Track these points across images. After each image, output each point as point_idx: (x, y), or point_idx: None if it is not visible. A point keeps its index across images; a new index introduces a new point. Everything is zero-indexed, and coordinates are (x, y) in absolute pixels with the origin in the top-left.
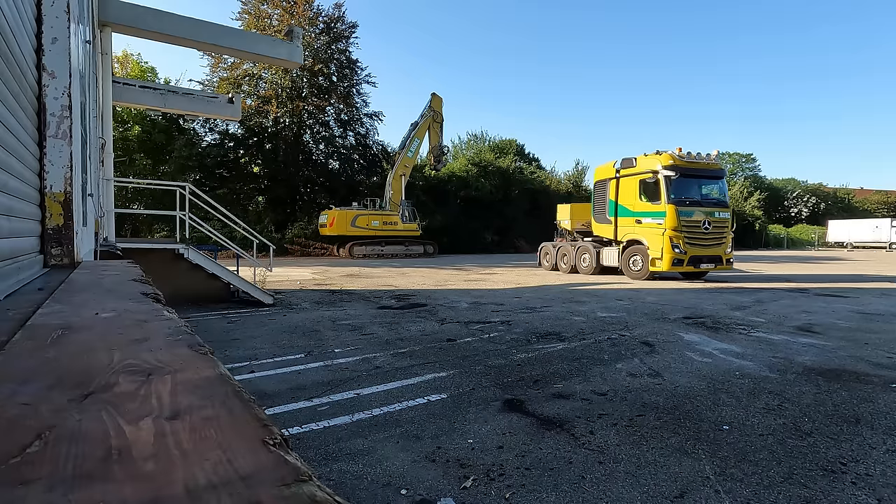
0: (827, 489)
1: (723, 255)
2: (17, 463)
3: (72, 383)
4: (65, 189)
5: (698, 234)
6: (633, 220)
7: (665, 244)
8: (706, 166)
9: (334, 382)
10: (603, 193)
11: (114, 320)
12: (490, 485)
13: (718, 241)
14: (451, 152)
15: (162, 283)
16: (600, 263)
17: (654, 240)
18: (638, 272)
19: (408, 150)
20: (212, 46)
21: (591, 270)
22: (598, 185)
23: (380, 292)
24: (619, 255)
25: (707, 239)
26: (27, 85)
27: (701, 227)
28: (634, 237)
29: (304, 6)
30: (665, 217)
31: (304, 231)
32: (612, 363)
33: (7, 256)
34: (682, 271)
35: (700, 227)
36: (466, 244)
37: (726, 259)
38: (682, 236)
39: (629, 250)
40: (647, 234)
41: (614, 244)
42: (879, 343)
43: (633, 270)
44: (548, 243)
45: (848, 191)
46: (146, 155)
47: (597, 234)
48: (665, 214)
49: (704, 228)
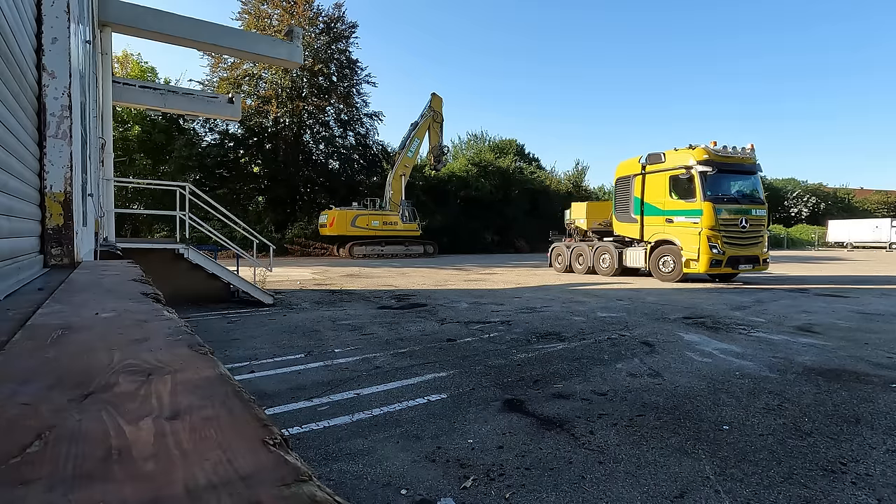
0: (827, 489)
1: (760, 255)
2: (17, 463)
3: (72, 383)
4: (65, 189)
5: (736, 233)
6: (663, 219)
7: (702, 244)
8: (742, 161)
9: (334, 382)
10: (626, 191)
11: (114, 320)
12: (490, 485)
13: (755, 240)
14: (451, 152)
15: (162, 283)
16: (623, 264)
17: (689, 240)
18: (669, 274)
19: (408, 150)
20: (212, 46)
21: (611, 272)
22: (621, 181)
23: (380, 292)
24: (647, 256)
25: (745, 238)
26: (27, 85)
27: (738, 226)
28: (665, 237)
29: (304, 6)
30: (701, 216)
31: (304, 231)
32: (612, 363)
33: (7, 256)
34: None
35: (737, 225)
36: (466, 244)
37: (763, 259)
38: (720, 236)
39: (659, 251)
40: (680, 233)
41: (639, 244)
42: (879, 343)
43: (664, 272)
44: (560, 243)
45: (848, 191)
46: (146, 155)
47: (618, 234)
48: (701, 213)
49: (742, 227)
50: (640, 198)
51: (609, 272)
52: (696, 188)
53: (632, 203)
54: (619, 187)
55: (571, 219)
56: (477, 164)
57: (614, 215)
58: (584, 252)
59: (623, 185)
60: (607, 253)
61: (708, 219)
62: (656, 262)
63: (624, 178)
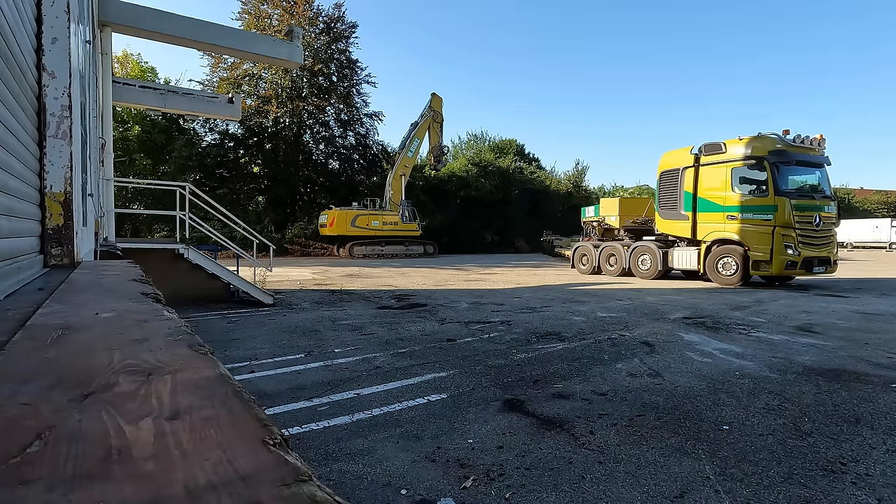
0: (827, 489)
1: (831, 256)
2: (17, 463)
3: (72, 383)
4: (65, 189)
5: (810, 231)
6: (723, 216)
7: (776, 244)
8: (814, 152)
9: (334, 382)
10: (673, 184)
11: (114, 320)
12: (490, 485)
13: (828, 239)
14: (451, 152)
15: (162, 283)
16: (668, 266)
17: (758, 239)
18: (729, 277)
19: (408, 150)
20: (212, 46)
21: (653, 274)
22: (666, 175)
23: (380, 292)
24: (701, 258)
25: (818, 237)
26: (27, 85)
27: (812, 224)
28: (725, 236)
29: (304, 6)
30: (776, 212)
31: (304, 231)
32: (612, 363)
33: (7, 256)
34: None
35: (812, 224)
36: (466, 244)
37: (833, 260)
38: (795, 235)
39: (717, 251)
40: (745, 232)
41: (690, 244)
42: (879, 343)
43: (724, 275)
44: (585, 243)
45: (848, 191)
46: (146, 155)
47: (662, 232)
48: (775, 209)
49: (816, 225)
50: (693, 192)
51: (650, 274)
52: (769, 181)
53: (681, 198)
54: (664, 181)
55: (601, 216)
56: (477, 164)
57: (657, 212)
58: (617, 252)
59: (669, 179)
60: (648, 254)
61: (783, 216)
62: (714, 263)
63: (670, 171)
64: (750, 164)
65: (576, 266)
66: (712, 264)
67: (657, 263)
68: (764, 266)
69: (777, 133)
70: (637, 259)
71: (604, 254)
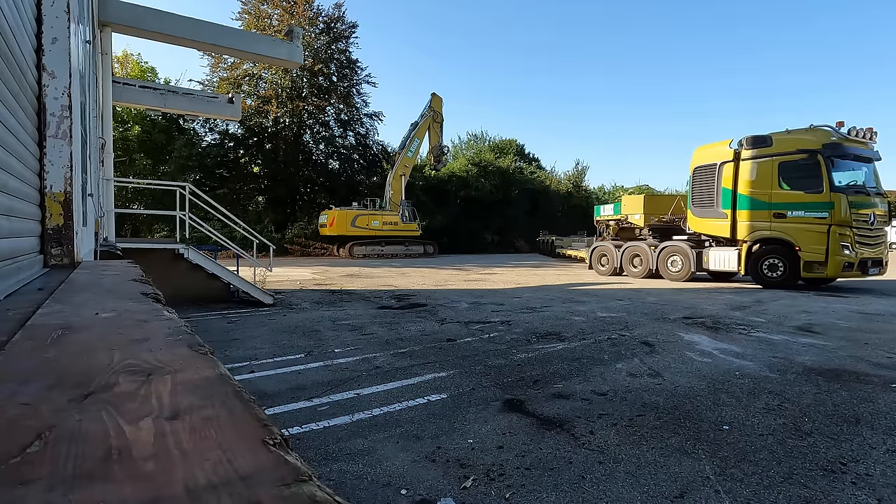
0: (827, 489)
1: (883, 256)
2: (17, 463)
3: (72, 383)
4: (65, 189)
5: (865, 230)
6: (769, 214)
7: (832, 244)
8: (867, 147)
9: (334, 382)
10: (709, 181)
11: (114, 320)
12: (490, 485)
13: (880, 239)
14: (451, 152)
15: (162, 283)
16: (703, 267)
17: (811, 238)
18: (774, 279)
19: (408, 150)
20: (212, 46)
21: (684, 276)
22: (701, 170)
23: (380, 292)
24: (742, 259)
25: (873, 237)
26: (27, 85)
27: (868, 223)
28: (771, 235)
29: (304, 6)
30: (832, 210)
31: (304, 231)
32: (612, 363)
33: (7, 256)
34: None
35: (868, 222)
36: (466, 244)
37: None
38: (853, 234)
39: (761, 252)
40: (796, 231)
41: (728, 244)
42: (879, 343)
43: (770, 277)
44: (605, 242)
45: None
46: (146, 155)
47: (695, 231)
48: (831, 206)
49: (871, 224)
50: (733, 189)
51: (681, 276)
52: (823, 177)
53: (718, 195)
54: (699, 177)
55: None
56: (477, 164)
57: (689, 210)
58: (642, 253)
59: (704, 175)
60: (679, 254)
61: (839, 213)
62: (758, 264)
63: (706, 166)
64: (801, 159)
65: (594, 267)
66: (756, 265)
67: (689, 265)
68: (817, 268)
69: (830, 125)
70: (666, 260)
71: (627, 254)
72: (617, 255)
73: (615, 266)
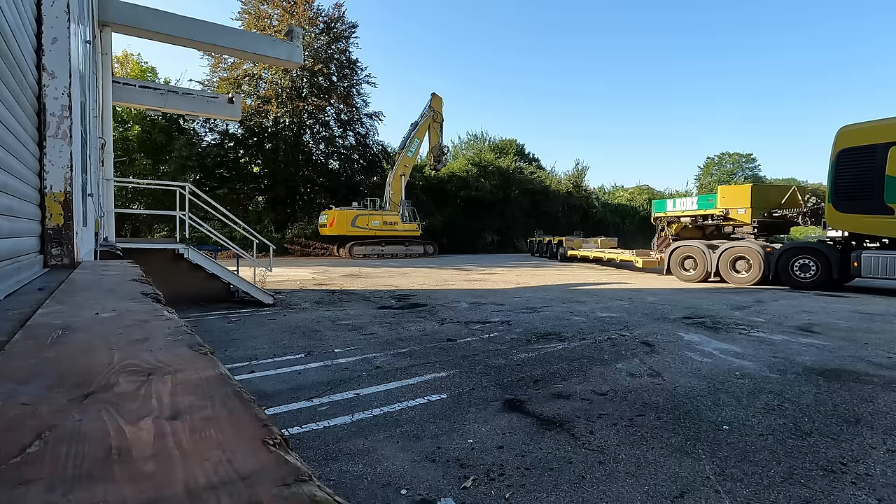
0: (827, 489)
1: None
2: (17, 463)
3: (72, 383)
4: (65, 189)
5: None
6: None
7: None
8: None
9: (334, 382)
10: (865, 167)
11: (114, 320)
12: (490, 485)
13: None
14: (451, 152)
15: (162, 283)
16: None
17: None
18: None
19: (408, 150)
20: (212, 46)
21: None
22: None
23: (380, 292)
24: None
25: None
26: (27, 85)
27: None
28: None
29: (304, 6)
30: None
31: (304, 231)
32: (612, 363)
33: (7, 256)
34: None
35: None
36: (466, 244)
37: None
38: None
39: None
40: None
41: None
42: (879, 343)
43: None
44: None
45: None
46: (146, 155)
47: (837, 229)
48: None
49: None
50: None
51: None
52: None
53: (881, 186)
54: (847, 163)
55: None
56: (477, 164)
57: (831, 204)
58: (750, 254)
59: (857, 160)
60: (813, 257)
61: None
62: None
63: (862, 148)
64: None
65: (674, 272)
66: None
67: (828, 269)
68: None
69: None
70: (791, 263)
71: (726, 256)
72: (712, 258)
73: (707, 270)
